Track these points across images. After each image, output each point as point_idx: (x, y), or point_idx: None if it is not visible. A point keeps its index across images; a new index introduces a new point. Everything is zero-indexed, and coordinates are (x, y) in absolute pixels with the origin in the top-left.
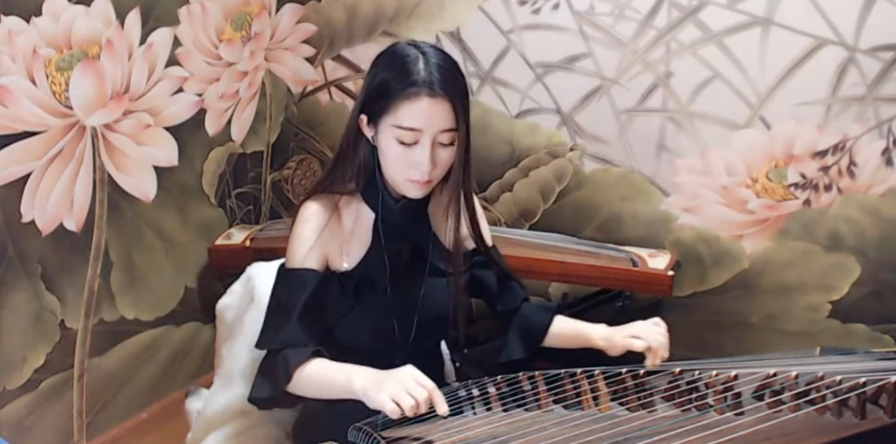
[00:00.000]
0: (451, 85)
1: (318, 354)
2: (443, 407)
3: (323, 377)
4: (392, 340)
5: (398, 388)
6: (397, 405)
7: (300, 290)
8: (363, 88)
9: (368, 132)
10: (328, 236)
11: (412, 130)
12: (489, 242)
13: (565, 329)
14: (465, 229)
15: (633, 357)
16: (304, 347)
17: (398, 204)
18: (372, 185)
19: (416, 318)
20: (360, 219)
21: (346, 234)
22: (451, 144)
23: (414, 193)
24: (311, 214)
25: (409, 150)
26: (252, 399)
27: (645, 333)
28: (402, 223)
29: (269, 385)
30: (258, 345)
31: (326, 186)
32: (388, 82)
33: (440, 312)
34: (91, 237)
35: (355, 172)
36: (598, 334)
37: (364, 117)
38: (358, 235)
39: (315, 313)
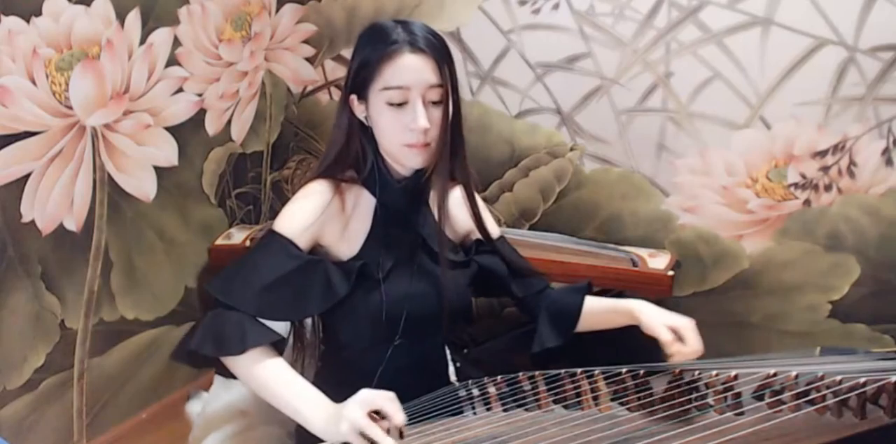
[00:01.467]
0: (432, 42)
1: (278, 346)
2: (398, 418)
3: (275, 387)
4: (383, 330)
5: (351, 435)
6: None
7: (283, 260)
8: (348, 70)
9: (361, 112)
10: (329, 218)
11: (399, 88)
12: (494, 233)
13: (600, 307)
14: (468, 220)
15: (633, 357)
16: (264, 326)
17: (400, 184)
18: (372, 171)
19: (406, 304)
20: (360, 205)
21: (345, 218)
22: (441, 101)
23: (414, 160)
24: (316, 191)
25: (401, 111)
26: (188, 353)
27: (685, 331)
28: (402, 208)
29: (212, 346)
30: (211, 284)
31: (323, 172)
32: (370, 53)
33: (435, 299)
34: (91, 237)
35: (352, 160)
36: (638, 306)
37: (353, 97)
38: (358, 221)
39: (288, 294)
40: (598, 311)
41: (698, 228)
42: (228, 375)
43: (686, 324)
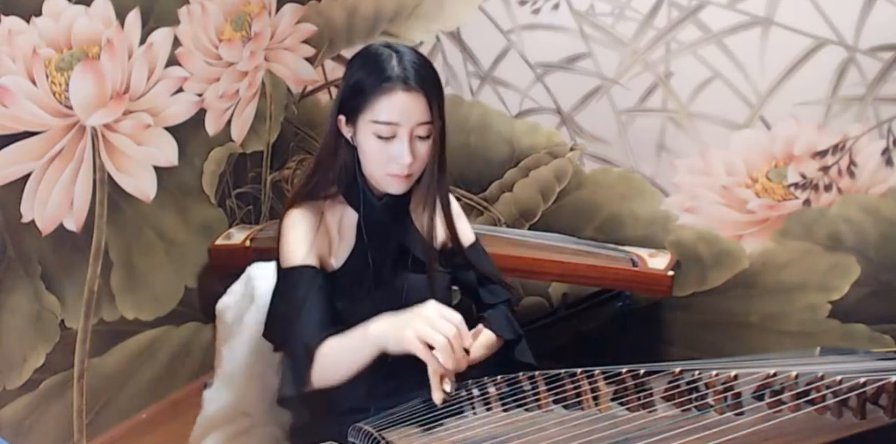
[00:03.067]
0: (425, 79)
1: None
2: (462, 348)
3: (341, 344)
4: None
5: (423, 325)
6: (426, 345)
7: (304, 288)
8: (339, 90)
9: (347, 132)
10: (317, 240)
11: (389, 124)
12: (466, 241)
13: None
14: (444, 230)
15: (632, 358)
16: (310, 332)
17: (381, 201)
18: (353, 186)
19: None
20: (344, 220)
21: (332, 236)
22: (428, 136)
23: (395, 188)
24: (299, 219)
25: (388, 144)
26: (281, 400)
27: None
28: (384, 221)
29: (293, 380)
30: (265, 335)
31: (307, 192)
32: (364, 80)
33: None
34: (91, 237)
35: (337, 174)
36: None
37: (342, 118)
38: (343, 236)
39: (322, 307)
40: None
41: (698, 228)
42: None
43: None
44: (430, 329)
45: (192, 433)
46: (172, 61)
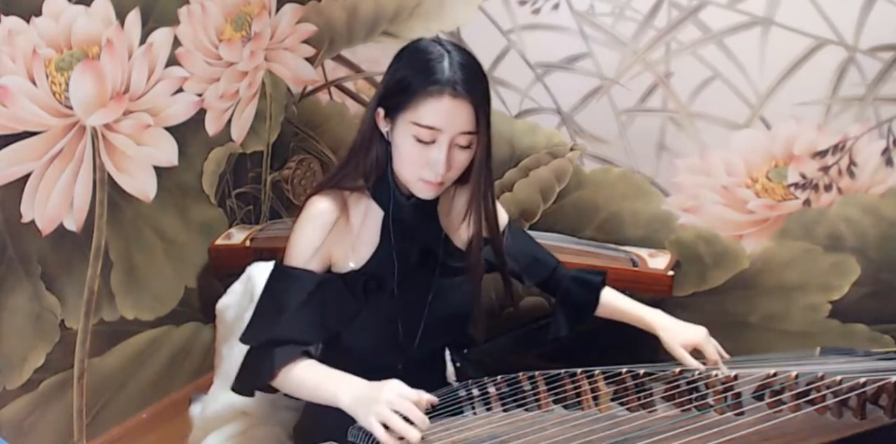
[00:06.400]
0: (475, 86)
1: (306, 354)
2: (422, 426)
3: (308, 383)
4: (396, 343)
5: (385, 410)
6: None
7: (297, 290)
8: (383, 82)
9: (384, 126)
10: (336, 236)
11: (431, 129)
12: (503, 225)
13: (620, 307)
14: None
15: (632, 358)
16: (292, 346)
17: (409, 201)
18: (383, 182)
19: (423, 321)
20: (368, 217)
21: (353, 233)
22: (469, 146)
23: (425, 194)
24: (320, 212)
25: (426, 148)
26: (234, 390)
27: (703, 347)
28: (412, 222)
29: (250, 382)
30: (243, 339)
31: (336, 182)
32: (410, 78)
33: (451, 313)
34: (91, 237)
35: (367, 168)
36: (659, 323)
37: (381, 111)
38: (366, 233)
39: (308, 316)
40: (617, 312)
41: (698, 228)
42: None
43: (702, 340)
44: (390, 414)
45: (191, 433)
46: (172, 61)
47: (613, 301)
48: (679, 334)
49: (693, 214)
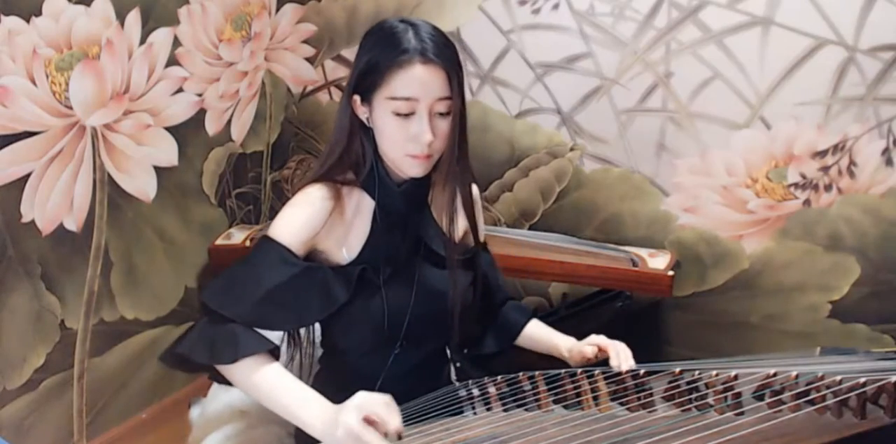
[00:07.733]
0: (443, 51)
1: (273, 352)
2: (393, 423)
3: (273, 393)
4: (383, 339)
5: (348, 441)
6: None
7: (281, 270)
8: (353, 69)
9: (363, 113)
10: (329, 228)
11: (407, 99)
12: (482, 238)
13: (538, 334)
14: (464, 221)
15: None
16: (257, 335)
17: (399, 189)
18: (371, 173)
19: (408, 313)
20: (360, 208)
21: (346, 224)
22: (448, 113)
23: (415, 170)
24: (319, 198)
25: (407, 122)
26: (178, 356)
27: (600, 339)
28: (402, 210)
29: (205, 353)
30: (206, 296)
31: (323, 175)
32: (378, 56)
33: (436, 309)
34: (91, 237)
35: (353, 161)
36: (564, 345)
37: (357, 98)
38: (358, 225)
39: (285, 301)
40: (537, 338)
41: (698, 228)
42: (221, 380)
43: (598, 338)
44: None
45: (191, 433)
46: (172, 61)
47: (539, 328)
48: (580, 342)
49: (693, 215)
